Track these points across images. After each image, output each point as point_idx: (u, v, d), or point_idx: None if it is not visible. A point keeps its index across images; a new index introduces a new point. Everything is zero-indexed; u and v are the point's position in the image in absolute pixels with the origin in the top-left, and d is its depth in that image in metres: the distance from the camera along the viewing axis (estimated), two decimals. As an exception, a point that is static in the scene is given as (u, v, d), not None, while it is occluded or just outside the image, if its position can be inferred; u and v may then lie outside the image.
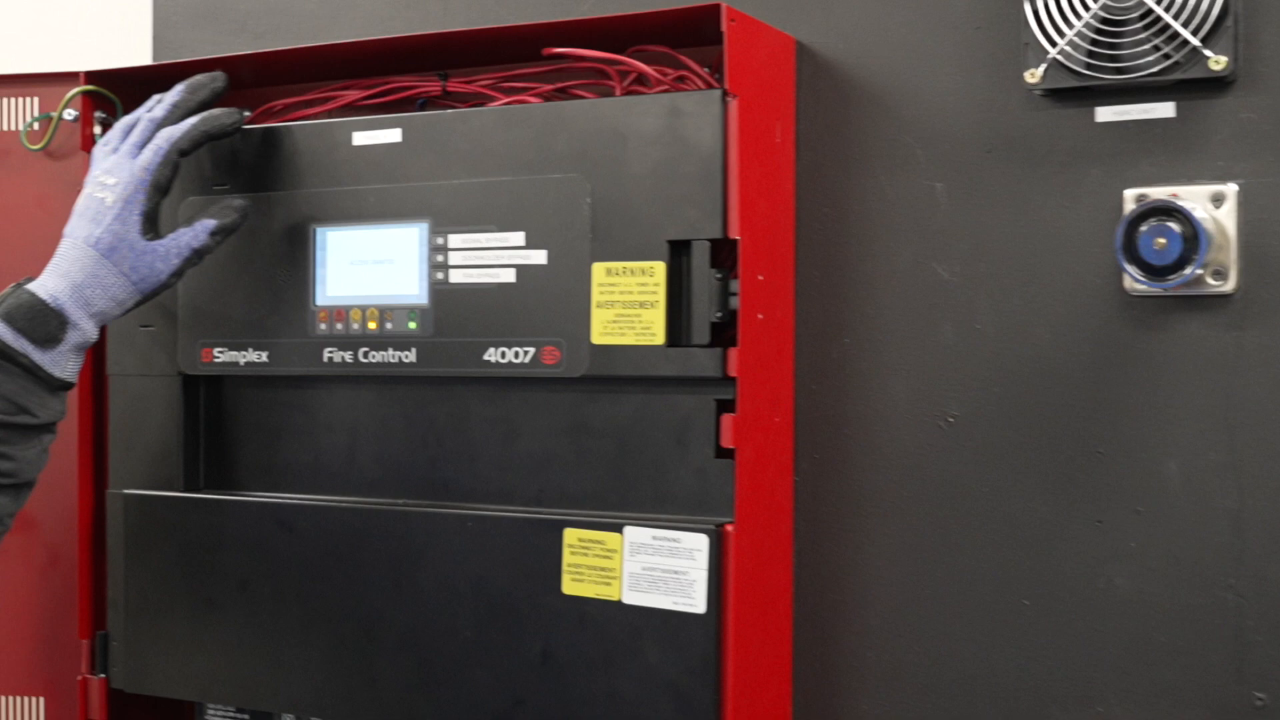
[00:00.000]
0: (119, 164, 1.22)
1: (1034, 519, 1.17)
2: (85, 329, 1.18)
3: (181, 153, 1.22)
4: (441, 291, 1.22)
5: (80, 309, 1.18)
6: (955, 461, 1.20)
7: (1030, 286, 1.17)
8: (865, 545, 1.23)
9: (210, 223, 1.22)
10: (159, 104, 1.25)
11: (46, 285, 1.18)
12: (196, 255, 1.22)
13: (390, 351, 1.24)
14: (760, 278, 1.16)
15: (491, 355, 1.19)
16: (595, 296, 1.15)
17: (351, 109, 1.34)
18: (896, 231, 1.22)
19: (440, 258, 1.22)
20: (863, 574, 1.23)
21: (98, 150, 1.25)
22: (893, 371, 1.22)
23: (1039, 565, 1.17)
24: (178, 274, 1.22)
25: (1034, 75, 1.13)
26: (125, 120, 1.25)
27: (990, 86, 1.18)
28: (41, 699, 1.43)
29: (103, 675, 1.38)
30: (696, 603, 1.12)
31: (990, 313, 1.18)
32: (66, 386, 1.19)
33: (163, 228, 1.22)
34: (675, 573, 1.12)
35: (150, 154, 1.21)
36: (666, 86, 1.19)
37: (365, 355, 1.25)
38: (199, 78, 1.27)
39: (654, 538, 1.14)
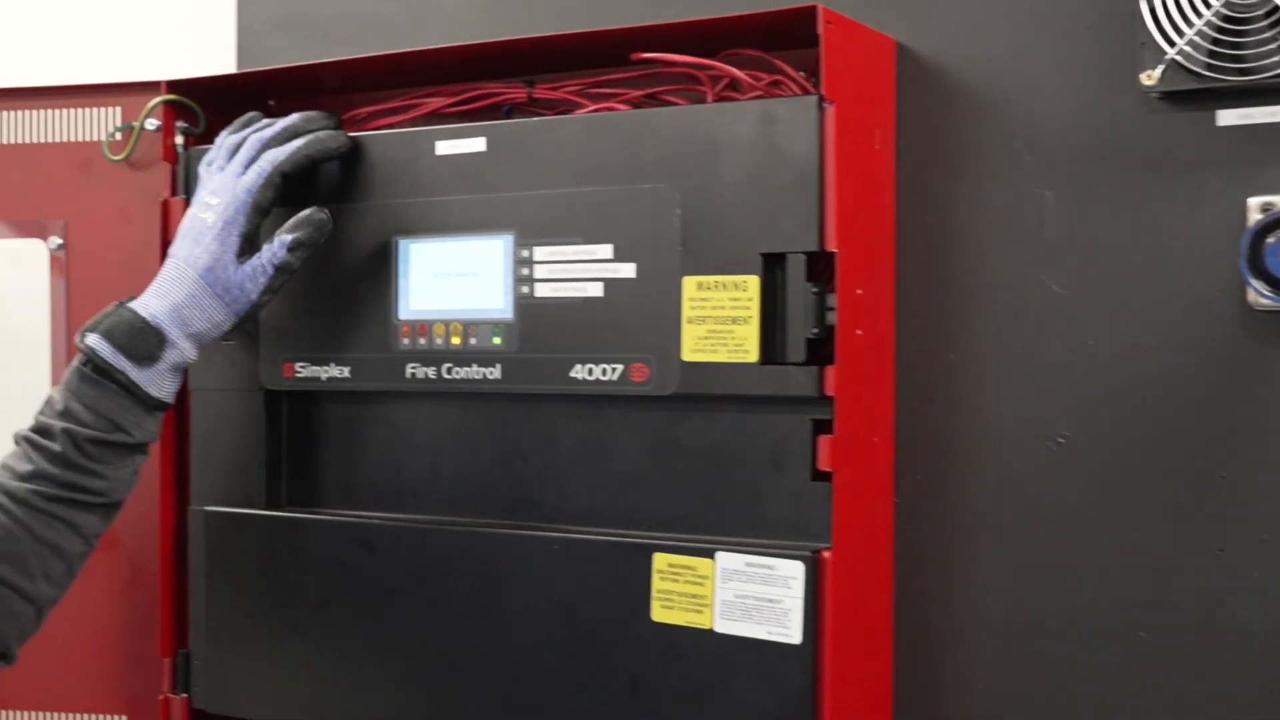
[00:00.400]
0: (224, 184, 1.21)
1: (1151, 547, 1.10)
2: (183, 349, 1.18)
3: (284, 175, 1.20)
4: (527, 306, 1.18)
5: (178, 328, 1.17)
6: (1066, 485, 1.13)
7: (1147, 300, 1.10)
8: (970, 572, 1.17)
9: (287, 238, 1.20)
10: (269, 125, 1.24)
11: (147, 304, 1.18)
12: (280, 272, 1.20)
13: (474, 368, 1.20)
14: (859, 292, 1.10)
15: (578, 372, 1.15)
16: (686, 312, 1.11)
17: (435, 117, 1.31)
18: (1003, 242, 1.16)
19: (525, 271, 1.17)
20: (967, 603, 1.17)
21: (203, 169, 1.24)
22: (999, 389, 1.16)
23: (1156, 596, 1.10)
24: (268, 292, 1.20)
25: (1150, 77, 1.07)
26: (232, 139, 1.24)
27: (1103, 89, 1.11)
28: (123, 717, 1.42)
29: (184, 694, 1.36)
30: (792, 633, 1.07)
31: (1104, 328, 1.12)
32: (163, 407, 1.18)
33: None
34: (770, 601, 1.08)
35: (254, 175, 1.20)
36: (760, 92, 1.14)
37: (448, 371, 1.21)
38: (316, 114, 1.26)
39: (747, 564, 1.09)
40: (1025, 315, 1.15)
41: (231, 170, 1.22)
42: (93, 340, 1.15)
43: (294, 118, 1.24)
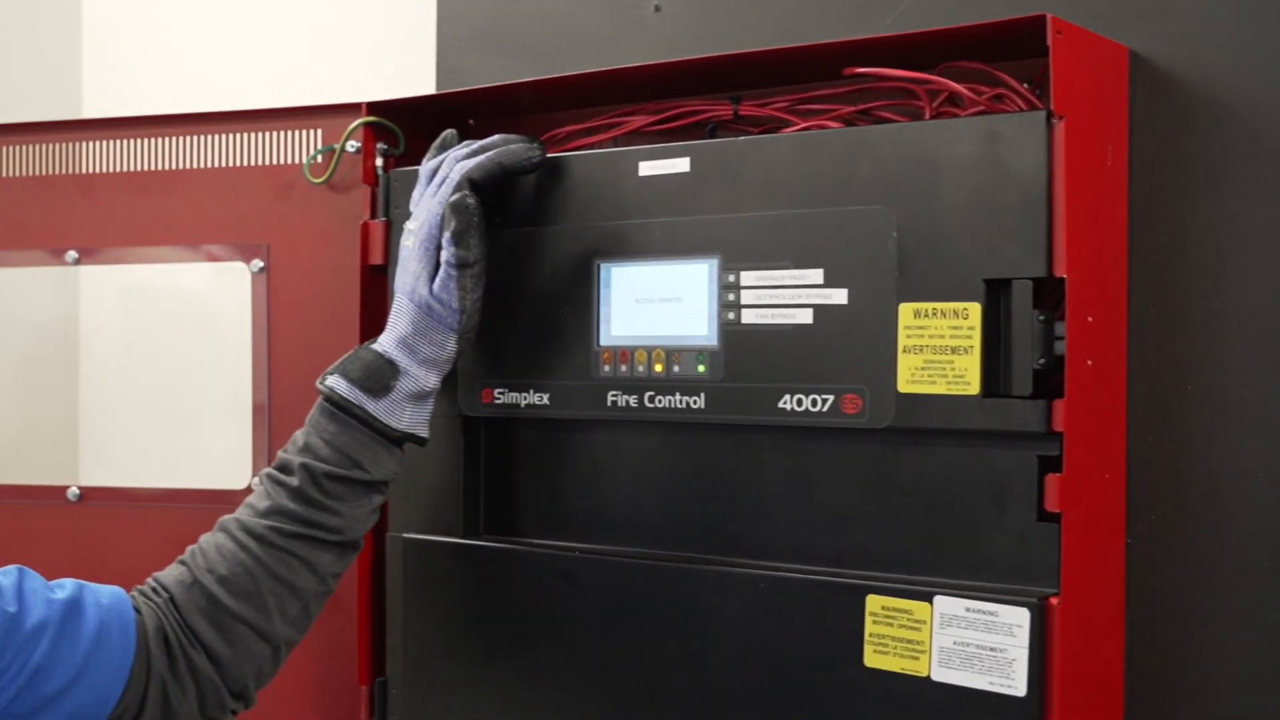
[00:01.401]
0: (422, 207, 1.21)
1: None
2: (417, 376, 1.18)
3: (472, 182, 1.17)
4: (732, 333, 1.13)
5: (408, 357, 1.18)
6: (1318, 529, 1.04)
7: None
8: (1209, 621, 1.09)
9: (446, 234, 1.17)
10: (465, 145, 1.22)
11: (380, 340, 1.20)
12: (462, 270, 1.17)
13: (677, 396, 1.16)
14: (1089, 319, 1.03)
15: (786, 403, 1.10)
16: (902, 340, 1.05)
17: (638, 135, 1.27)
18: (1249, 265, 1.07)
19: (731, 296, 1.13)
20: (1206, 654, 1.09)
21: (411, 201, 1.23)
22: (1245, 423, 1.07)
23: None
24: (466, 295, 1.17)
25: None
26: (430, 164, 1.22)
27: (1362, 99, 1.03)
28: (322, 743, 1.41)
29: (382, 722, 1.35)
30: (1016, 684, 1.00)
31: (1362, 360, 1.03)
32: (403, 440, 1.19)
33: None
34: (992, 650, 1.01)
35: (445, 189, 1.19)
36: (982, 107, 1.08)
37: (650, 400, 1.17)
38: (515, 136, 1.22)
39: (968, 609, 1.02)
40: (1273, 343, 1.06)
41: (429, 192, 1.21)
42: (331, 380, 1.17)
43: (492, 138, 1.22)
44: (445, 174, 1.19)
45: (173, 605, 1.14)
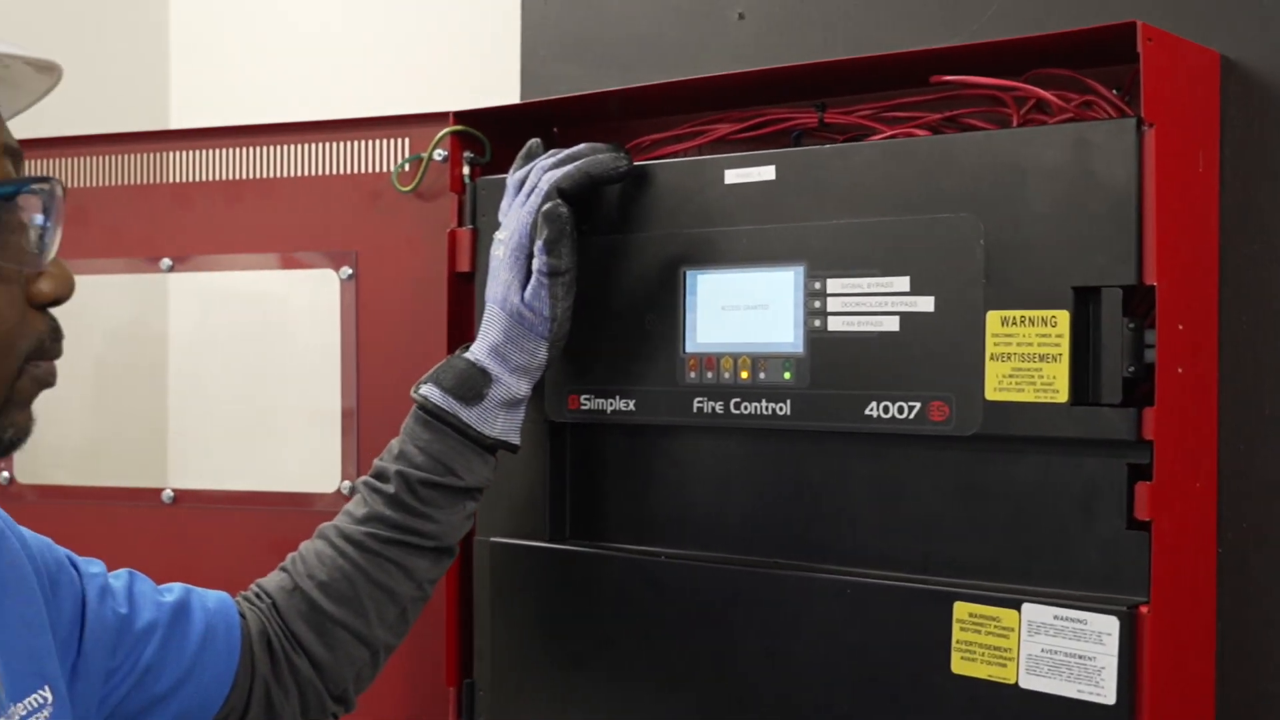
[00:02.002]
0: (511, 217, 1.22)
1: None
2: (509, 384, 1.19)
3: (561, 191, 1.18)
4: (818, 340, 1.13)
5: (500, 365, 1.19)
6: None
7: None
8: (1302, 631, 1.08)
9: (539, 243, 1.17)
10: (552, 155, 1.23)
11: (472, 349, 1.21)
12: (554, 277, 1.17)
13: (763, 403, 1.16)
14: (1180, 327, 1.02)
15: (873, 410, 1.10)
16: (989, 348, 1.05)
17: (723, 143, 1.28)
18: (1342, 273, 1.06)
19: (817, 304, 1.13)
20: (1299, 665, 1.08)
21: (500, 211, 1.24)
22: (1336, 433, 1.07)
23: None
24: (557, 303, 1.18)
25: None
26: (518, 175, 1.23)
27: None
28: (410, 743, 1.43)
29: (469, 723, 1.36)
30: (1105, 693, 1.00)
31: None
32: (496, 447, 1.20)
33: None
34: (1081, 657, 1.01)
35: (534, 198, 1.19)
36: (1070, 114, 1.07)
37: (736, 406, 1.17)
38: (601, 144, 1.23)
39: (1056, 617, 1.02)
40: (1367, 352, 1.05)
41: (517, 201, 1.22)
42: (425, 389, 1.19)
43: (579, 147, 1.23)
44: (534, 183, 1.21)
45: (275, 610, 1.16)
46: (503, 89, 1.55)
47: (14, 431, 0.88)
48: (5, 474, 1.57)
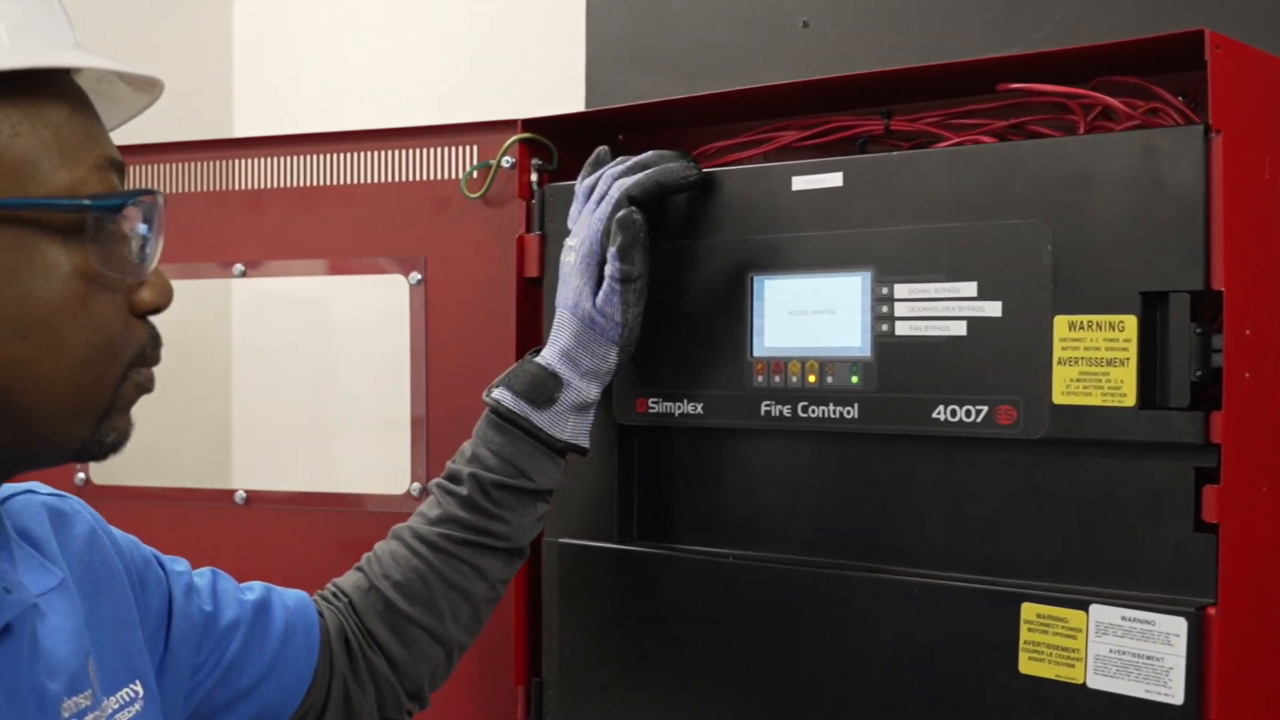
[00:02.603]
0: (581, 223, 1.24)
1: None
2: (580, 388, 1.22)
3: (631, 199, 1.20)
4: (886, 344, 1.15)
5: (571, 369, 1.22)
6: None
7: None
8: (1369, 632, 1.09)
9: (612, 248, 1.19)
10: (620, 162, 1.25)
11: (543, 353, 1.24)
12: (625, 284, 1.20)
13: (831, 406, 1.18)
14: (1247, 332, 1.04)
15: (940, 413, 1.12)
16: (1057, 352, 1.06)
17: (788, 150, 1.30)
18: None
19: (885, 308, 1.15)
20: (1366, 665, 1.09)
21: (569, 218, 1.27)
22: (1403, 436, 1.07)
23: None
24: (629, 308, 1.21)
25: None
26: (587, 182, 1.26)
27: None
28: (479, 741, 1.45)
29: (538, 722, 1.39)
30: (1173, 693, 1.01)
31: None
32: (568, 449, 1.23)
33: None
34: (1148, 658, 1.02)
35: (605, 206, 1.22)
36: (1136, 121, 1.09)
37: (804, 410, 1.19)
38: (669, 152, 1.25)
39: (1124, 618, 1.03)
40: None
41: (587, 209, 1.24)
42: (497, 393, 1.22)
43: (647, 154, 1.25)
44: (603, 190, 1.23)
45: (352, 609, 1.19)
46: (567, 96, 1.58)
47: (115, 436, 0.90)
48: (81, 475, 1.60)
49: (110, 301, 0.86)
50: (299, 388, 1.72)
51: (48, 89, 0.84)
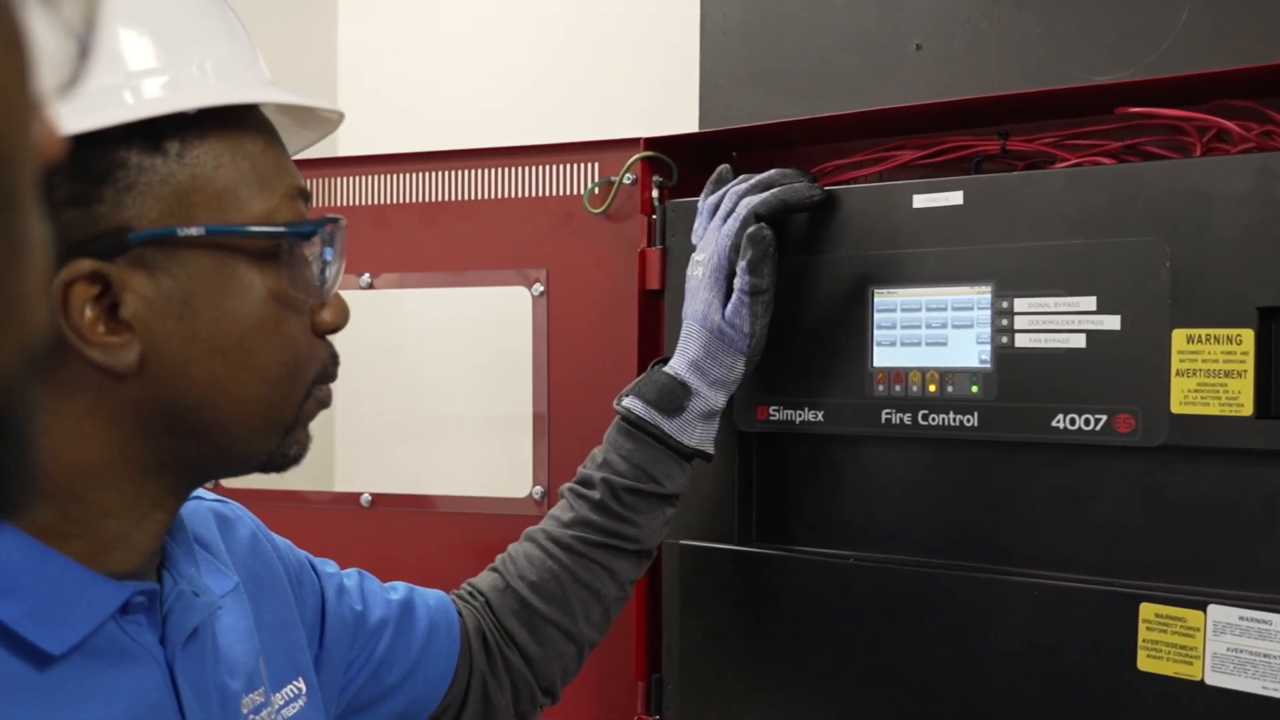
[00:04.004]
0: (708, 239, 1.29)
1: None
2: (708, 396, 1.27)
3: (758, 216, 1.26)
4: (1006, 356, 1.20)
5: (699, 379, 1.27)
6: None
7: None
8: None
9: (742, 262, 1.24)
10: (744, 180, 1.30)
11: (672, 363, 1.29)
12: (754, 296, 1.25)
13: (951, 415, 1.23)
14: (1361, 345, 1.09)
15: (1059, 422, 1.17)
16: (1175, 364, 1.11)
17: (905, 169, 1.35)
18: None
19: (1005, 321, 1.20)
20: None
21: (693, 235, 1.32)
22: None
23: None
24: (756, 320, 1.25)
25: None
26: (711, 199, 1.31)
27: None
28: (599, 735, 1.51)
29: (657, 717, 1.44)
30: (1291, 690, 1.06)
31: None
32: (695, 455, 1.28)
33: None
34: (1266, 656, 1.07)
35: (732, 222, 1.27)
36: (1251, 143, 1.14)
37: (924, 418, 1.25)
38: (791, 170, 1.31)
39: (1241, 618, 1.08)
40: None
41: (713, 225, 1.30)
42: (628, 401, 1.28)
43: (770, 173, 1.30)
44: (729, 207, 1.29)
45: (488, 608, 1.25)
46: (681, 115, 1.63)
47: (297, 449, 0.95)
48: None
49: (297, 322, 0.91)
50: (429, 392, 1.77)
51: (244, 123, 0.89)
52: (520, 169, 1.54)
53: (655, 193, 1.46)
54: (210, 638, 0.95)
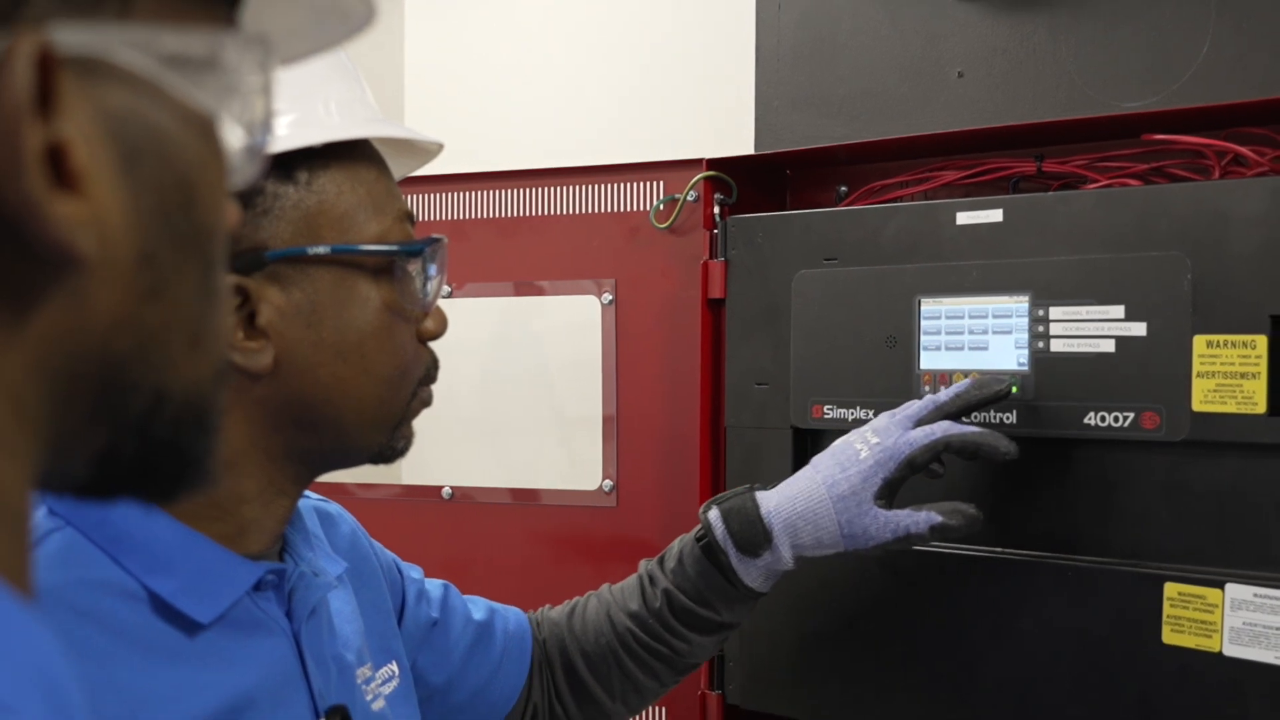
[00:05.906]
0: (889, 428, 1.29)
1: None
2: (782, 555, 1.29)
3: (948, 444, 1.27)
4: (1042, 359, 1.32)
5: (786, 536, 1.28)
6: None
7: None
8: None
9: (937, 518, 1.26)
10: (946, 391, 1.32)
11: (770, 499, 1.30)
12: (907, 540, 1.26)
13: (992, 413, 1.35)
14: (1364, 349, 1.20)
15: (1091, 419, 1.29)
16: (1196, 367, 1.23)
17: (948, 188, 1.47)
18: None
19: (1041, 328, 1.32)
20: None
21: (881, 420, 1.32)
22: None
23: None
24: (882, 546, 1.27)
25: None
26: (922, 403, 1.32)
27: None
28: (664, 709, 1.63)
29: (719, 691, 1.57)
30: (1301, 659, 1.18)
31: None
32: (752, 597, 1.31)
33: (896, 502, 1.29)
34: (1278, 629, 1.18)
35: (921, 435, 1.27)
36: (1265, 167, 1.25)
37: (968, 415, 1.37)
38: (989, 380, 1.31)
39: (1255, 595, 1.20)
40: None
41: (900, 420, 1.30)
42: (713, 516, 1.30)
43: (966, 384, 1.32)
44: (922, 411, 1.30)
45: (545, 652, 1.35)
46: (737, 137, 1.75)
47: (404, 443, 1.06)
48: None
49: (405, 331, 1.02)
50: (504, 395, 1.87)
51: (359, 154, 1.01)
52: (591, 187, 1.67)
53: (716, 209, 1.58)
54: (327, 615, 1.06)
